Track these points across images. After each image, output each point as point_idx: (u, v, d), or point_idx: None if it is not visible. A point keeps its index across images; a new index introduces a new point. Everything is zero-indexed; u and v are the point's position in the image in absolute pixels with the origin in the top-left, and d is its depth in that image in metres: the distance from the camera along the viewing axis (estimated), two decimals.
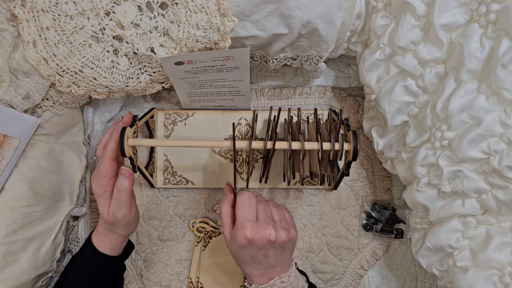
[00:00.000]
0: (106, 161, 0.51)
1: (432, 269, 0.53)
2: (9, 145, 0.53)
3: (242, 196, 0.51)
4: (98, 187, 0.52)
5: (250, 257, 0.51)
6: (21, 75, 0.52)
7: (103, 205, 0.52)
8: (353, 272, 0.67)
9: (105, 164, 0.51)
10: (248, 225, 0.49)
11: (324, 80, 0.70)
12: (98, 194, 0.52)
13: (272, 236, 0.49)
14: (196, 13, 0.47)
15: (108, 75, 0.52)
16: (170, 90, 0.68)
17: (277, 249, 0.51)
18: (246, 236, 0.48)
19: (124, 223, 0.53)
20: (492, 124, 0.44)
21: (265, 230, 0.49)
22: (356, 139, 0.50)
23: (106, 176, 0.51)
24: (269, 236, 0.49)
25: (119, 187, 0.51)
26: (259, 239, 0.49)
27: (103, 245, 0.56)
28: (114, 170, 0.52)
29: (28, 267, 0.56)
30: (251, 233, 0.48)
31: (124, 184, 0.51)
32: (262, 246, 0.49)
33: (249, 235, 0.48)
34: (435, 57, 0.48)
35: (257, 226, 0.49)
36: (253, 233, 0.48)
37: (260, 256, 0.50)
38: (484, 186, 0.46)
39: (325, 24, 0.50)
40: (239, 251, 0.51)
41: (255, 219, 0.50)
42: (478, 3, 0.43)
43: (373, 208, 0.67)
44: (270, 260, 0.51)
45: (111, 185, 0.52)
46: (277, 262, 0.52)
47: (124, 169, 0.51)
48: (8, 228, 0.54)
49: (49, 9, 0.47)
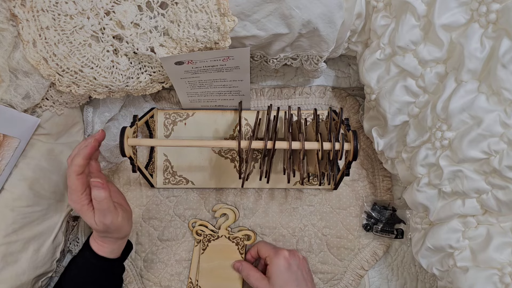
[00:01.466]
0: (72, 177, 0.50)
1: (432, 269, 0.53)
2: (9, 145, 0.53)
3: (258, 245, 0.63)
4: (74, 202, 0.51)
5: (293, 275, 0.57)
6: (21, 75, 0.52)
7: (87, 217, 0.52)
8: (353, 272, 0.67)
9: (72, 180, 0.50)
10: (279, 249, 0.60)
11: (324, 80, 0.70)
12: (77, 209, 0.51)
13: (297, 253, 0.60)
14: (196, 13, 0.47)
15: (108, 75, 0.52)
16: (170, 90, 0.68)
17: (302, 262, 0.60)
18: (285, 256, 0.58)
19: (115, 228, 0.53)
20: (492, 124, 0.44)
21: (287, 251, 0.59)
22: (356, 138, 0.50)
23: (76, 191, 0.50)
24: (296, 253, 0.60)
25: (96, 198, 0.50)
26: (293, 255, 0.59)
27: (101, 249, 0.56)
28: (83, 183, 0.50)
29: (28, 267, 0.56)
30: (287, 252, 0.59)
31: (100, 195, 0.50)
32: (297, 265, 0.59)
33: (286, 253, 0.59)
34: (435, 57, 0.48)
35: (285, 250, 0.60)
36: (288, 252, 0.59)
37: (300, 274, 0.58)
38: (484, 186, 0.46)
39: (325, 24, 0.50)
40: (286, 275, 0.57)
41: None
42: (479, 3, 0.43)
43: (374, 208, 0.67)
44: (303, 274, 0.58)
45: (86, 198, 0.51)
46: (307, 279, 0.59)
47: (94, 181, 0.50)
48: (8, 228, 0.53)
49: (49, 9, 0.47)
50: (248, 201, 0.69)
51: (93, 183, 0.50)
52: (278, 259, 0.57)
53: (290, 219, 0.68)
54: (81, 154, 0.50)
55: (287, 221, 0.68)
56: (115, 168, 0.69)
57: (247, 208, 0.68)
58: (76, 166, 0.50)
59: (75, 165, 0.50)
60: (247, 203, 0.68)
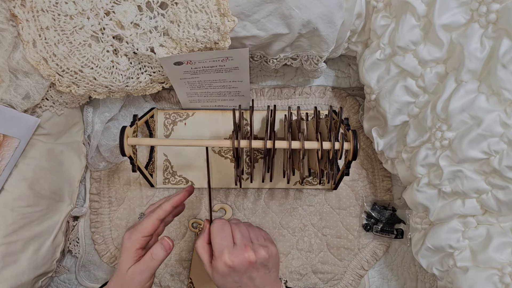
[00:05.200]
0: (152, 219, 0.50)
1: (432, 269, 0.53)
2: (9, 145, 0.53)
3: (214, 225, 0.51)
4: (130, 240, 0.50)
5: (235, 284, 0.49)
6: (21, 75, 0.52)
7: (126, 261, 0.50)
8: (353, 272, 0.67)
9: (150, 221, 0.50)
10: (225, 252, 0.48)
11: (324, 80, 0.70)
12: (126, 247, 0.50)
13: (251, 257, 0.48)
14: (196, 13, 0.47)
15: (108, 75, 0.52)
16: (170, 90, 0.68)
17: (260, 270, 0.50)
18: (226, 263, 0.48)
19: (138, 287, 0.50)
20: (492, 124, 0.44)
21: (243, 253, 0.48)
22: (356, 138, 0.50)
23: (142, 232, 0.50)
24: (249, 258, 0.48)
25: (154, 255, 0.49)
26: (239, 263, 0.48)
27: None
28: (154, 229, 0.51)
29: (28, 267, 0.56)
30: (230, 258, 0.48)
31: (159, 254, 0.49)
32: (244, 270, 0.48)
33: (228, 261, 0.48)
34: (435, 57, 0.48)
35: (235, 251, 0.48)
36: (231, 258, 0.48)
37: (245, 281, 0.49)
38: (484, 186, 0.46)
39: (325, 24, 0.50)
40: (223, 280, 0.49)
41: (232, 244, 0.49)
42: (479, 3, 0.43)
43: (373, 208, 0.67)
44: (256, 282, 0.50)
45: (141, 242, 0.50)
46: (265, 283, 0.50)
47: (166, 241, 0.50)
48: (8, 228, 0.54)
49: (49, 9, 0.47)
50: (248, 201, 0.69)
51: (164, 240, 0.50)
52: (218, 263, 0.49)
53: (290, 219, 0.68)
54: (171, 201, 0.52)
55: (287, 221, 0.68)
56: (115, 168, 0.69)
57: (247, 208, 0.68)
58: (162, 211, 0.51)
59: (162, 209, 0.52)
60: (247, 203, 0.69)
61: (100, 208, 0.68)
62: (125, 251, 0.50)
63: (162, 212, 0.52)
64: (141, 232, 0.50)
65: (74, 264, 0.69)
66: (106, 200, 0.68)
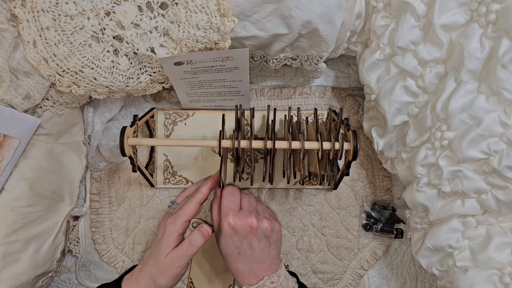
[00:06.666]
0: (193, 203, 0.53)
1: (432, 269, 0.54)
2: (9, 145, 0.53)
3: (226, 189, 0.54)
4: (174, 225, 0.51)
5: (235, 249, 0.51)
6: (21, 75, 0.52)
7: (166, 246, 0.51)
8: (353, 272, 0.67)
9: (191, 205, 0.53)
10: (230, 213, 0.51)
11: (324, 80, 0.70)
12: (169, 232, 0.51)
13: (253, 223, 0.51)
14: (196, 13, 0.47)
15: (108, 75, 0.52)
16: (170, 90, 0.68)
17: (261, 240, 0.52)
18: (229, 223, 0.50)
19: (174, 274, 0.51)
20: (492, 124, 0.44)
21: (247, 218, 0.51)
22: (356, 138, 0.50)
23: (185, 216, 0.52)
24: (251, 223, 0.51)
25: (192, 241, 0.51)
26: (241, 226, 0.50)
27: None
28: (195, 213, 0.53)
29: (28, 267, 0.56)
30: (234, 220, 0.50)
31: (197, 241, 0.51)
32: (245, 235, 0.51)
33: (231, 222, 0.50)
34: (435, 57, 0.48)
35: (240, 214, 0.51)
36: (235, 220, 0.50)
37: (245, 247, 0.51)
38: (484, 186, 0.46)
39: (325, 24, 0.50)
40: (225, 243, 0.52)
41: (238, 208, 0.52)
42: (478, 3, 0.43)
43: (373, 208, 0.67)
44: (256, 253, 0.52)
45: (184, 227, 0.52)
46: (264, 257, 0.52)
47: (204, 228, 0.51)
48: (8, 228, 0.54)
49: (49, 9, 0.47)
50: None
51: (202, 228, 0.51)
52: (222, 223, 0.51)
53: (290, 219, 0.68)
54: (208, 185, 0.55)
55: (287, 221, 0.68)
56: (115, 168, 0.69)
57: None
58: (202, 194, 0.54)
59: (202, 193, 0.54)
60: None
61: (100, 208, 0.68)
62: (168, 236, 0.51)
63: (202, 196, 0.54)
64: (184, 217, 0.52)
65: (74, 264, 0.69)
66: (106, 200, 0.68)
